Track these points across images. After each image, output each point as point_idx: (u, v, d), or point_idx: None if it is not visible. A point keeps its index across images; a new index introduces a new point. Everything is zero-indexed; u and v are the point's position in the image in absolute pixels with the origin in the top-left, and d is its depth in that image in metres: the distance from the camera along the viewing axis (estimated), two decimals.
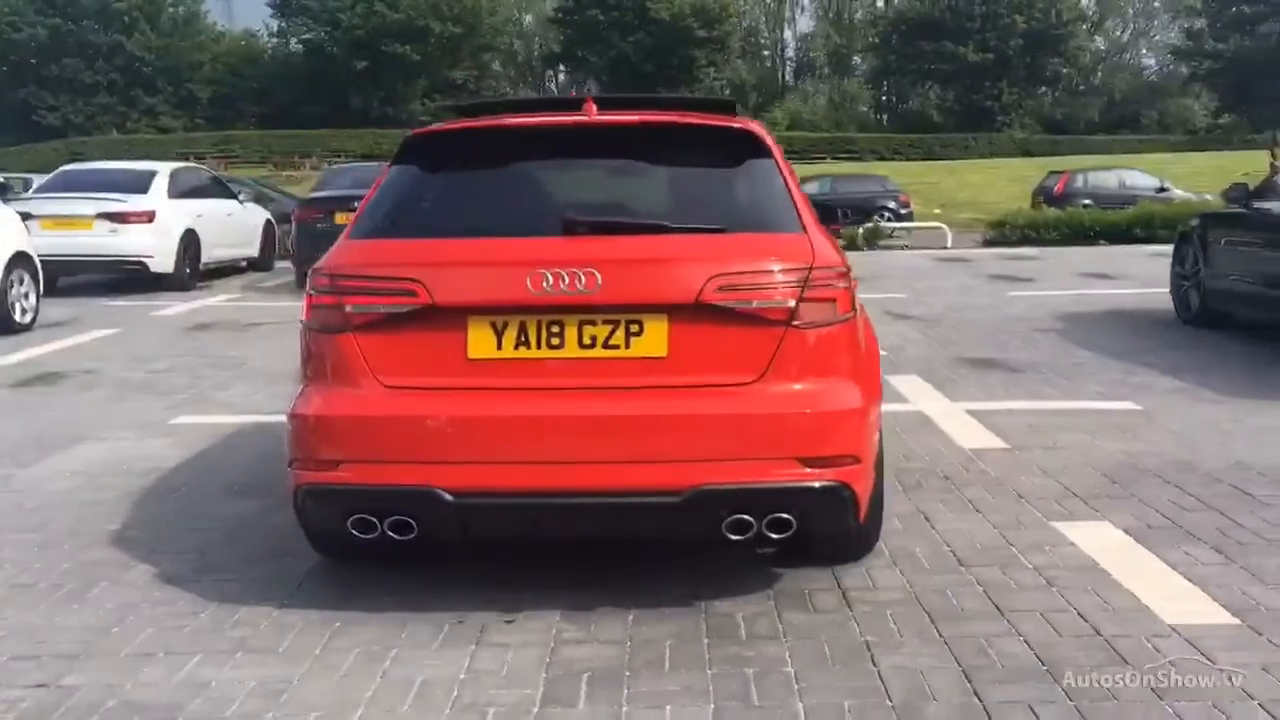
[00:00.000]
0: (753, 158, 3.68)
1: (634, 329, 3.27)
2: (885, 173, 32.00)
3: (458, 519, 3.29)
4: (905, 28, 71.15)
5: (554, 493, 3.25)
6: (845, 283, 3.40)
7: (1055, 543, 4.00)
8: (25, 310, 10.19)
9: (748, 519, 3.22)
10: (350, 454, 3.32)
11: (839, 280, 3.38)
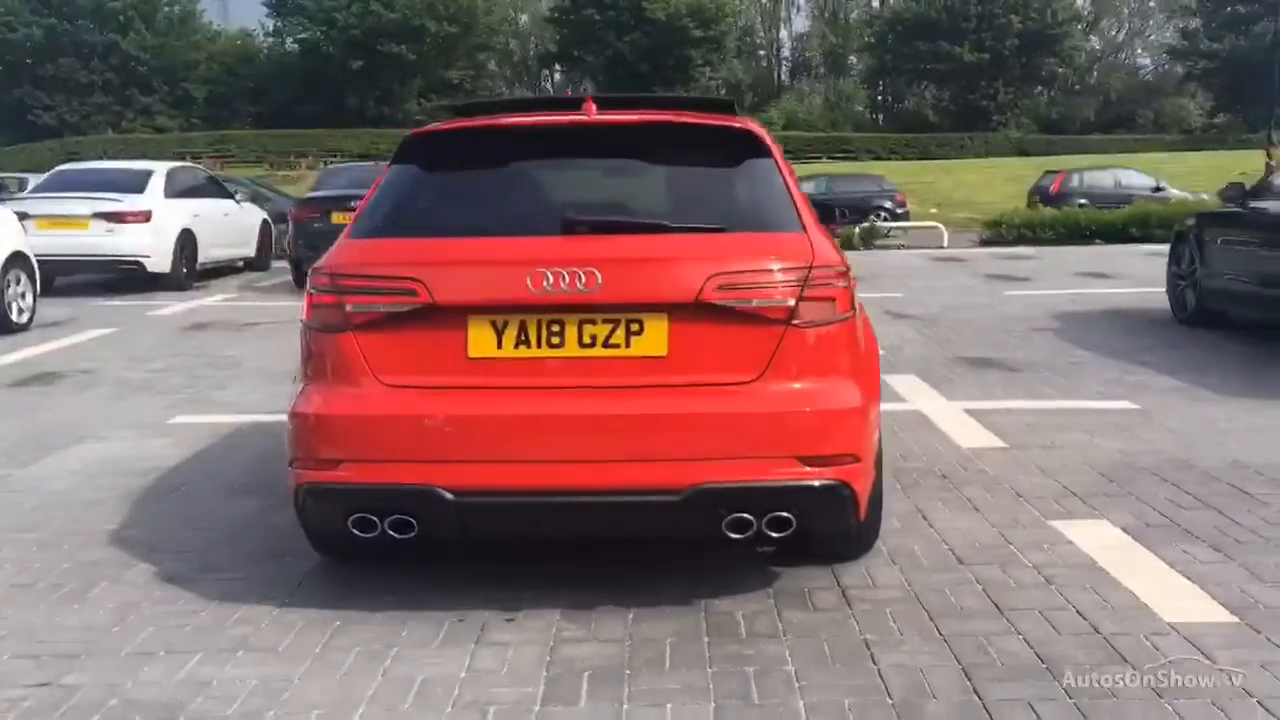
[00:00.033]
0: (752, 157, 3.69)
1: (634, 328, 3.28)
2: (881, 172, 32.00)
3: (458, 518, 3.30)
4: (901, 27, 71.26)
5: (554, 492, 3.25)
6: (845, 282, 3.41)
7: (1054, 541, 4.01)
8: (22, 310, 10.19)
9: (748, 518, 3.23)
10: (351, 453, 3.33)
11: (838, 279, 3.39)
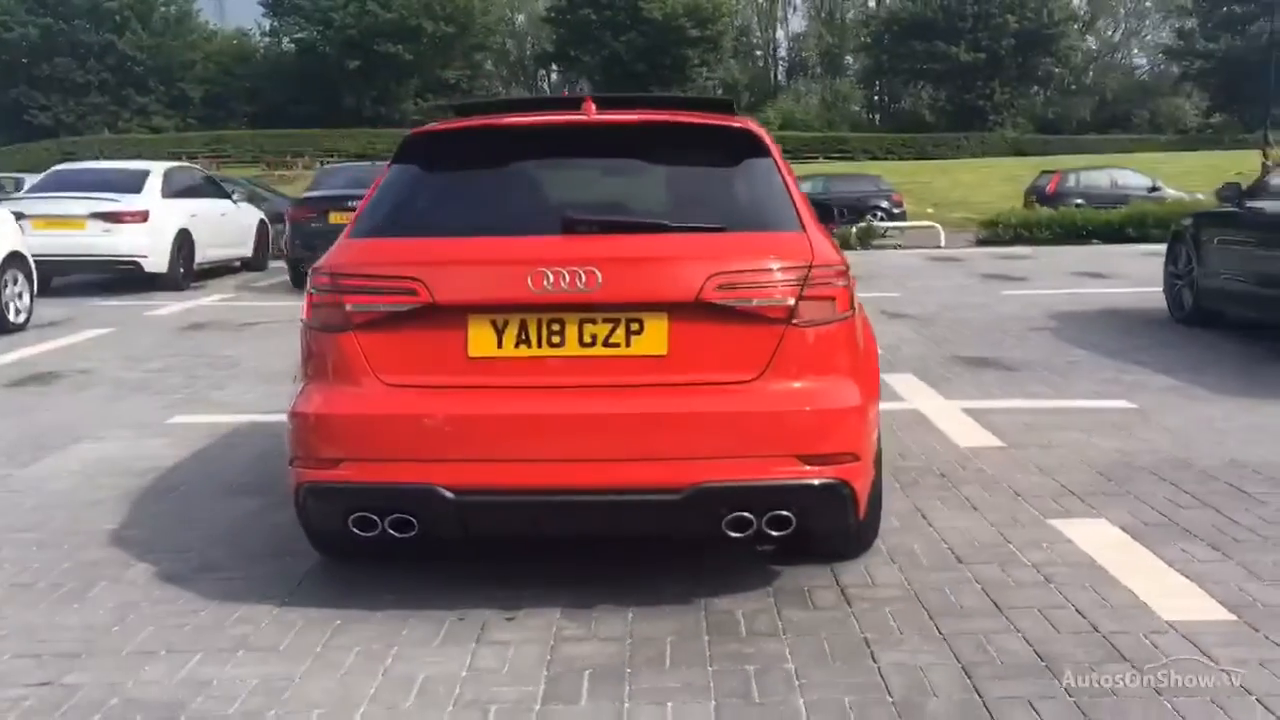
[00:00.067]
0: (752, 157, 3.70)
1: (634, 327, 3.28)
2: (878, 172, 32.02)
3: (458, 517, 3.30)
4: (897, 27, 71.36)
5: (555, 490, 3.26)
6: (844, 281, 3.42)
7: (1052, 540, 4.01)
8: (19, 310, 10.18)
9: (748, 516, 3.23)
10: (351, 452, 3.33)
11: (838, 279, 3.40)
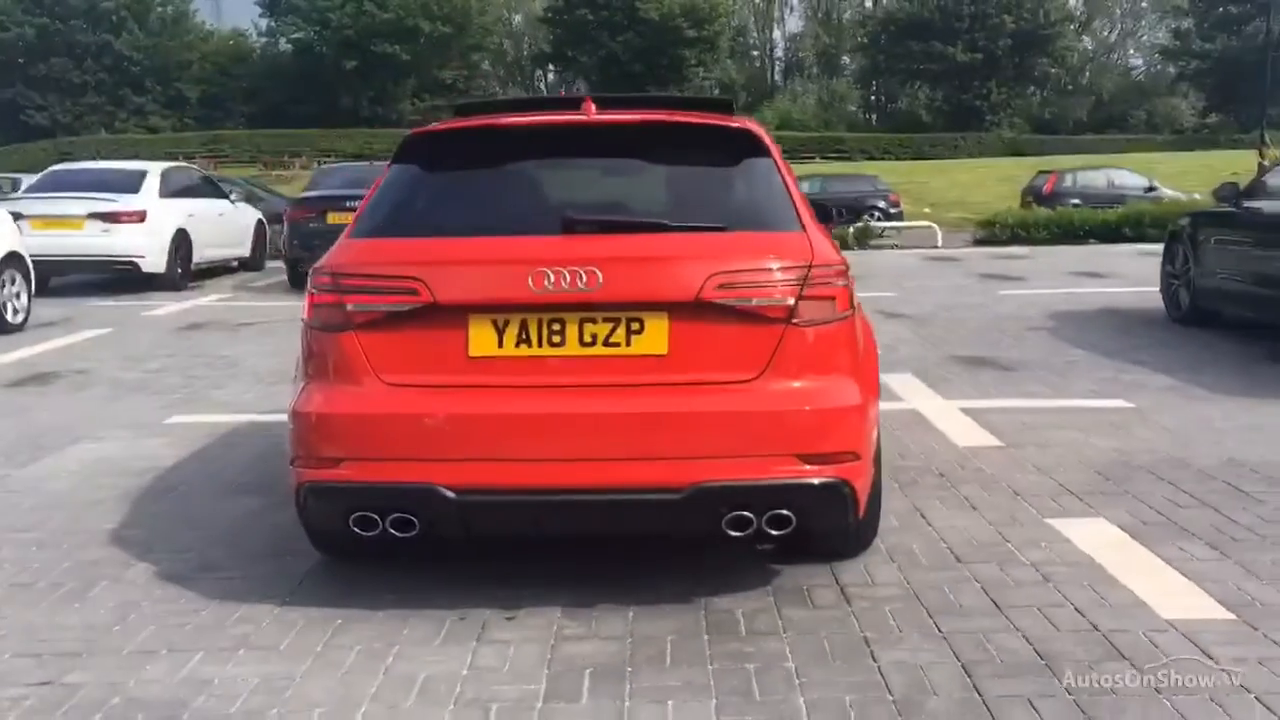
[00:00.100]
0: (752, 156, 3.71)
1: (635, 327, 3.29)
2: (875, 172, 32.04)
3: (459, 516, 3.31)
4: (894, 28, 71.39)
5: (555, 490, 3.26)
6: (844, 280, 3.43)
7: (1051, 539, 4.02)
8: (17, 310, 10.17)
9: (748, 515, 3.24)
10: (352, 452, 3.33)
11: (838, 278, 3.40)
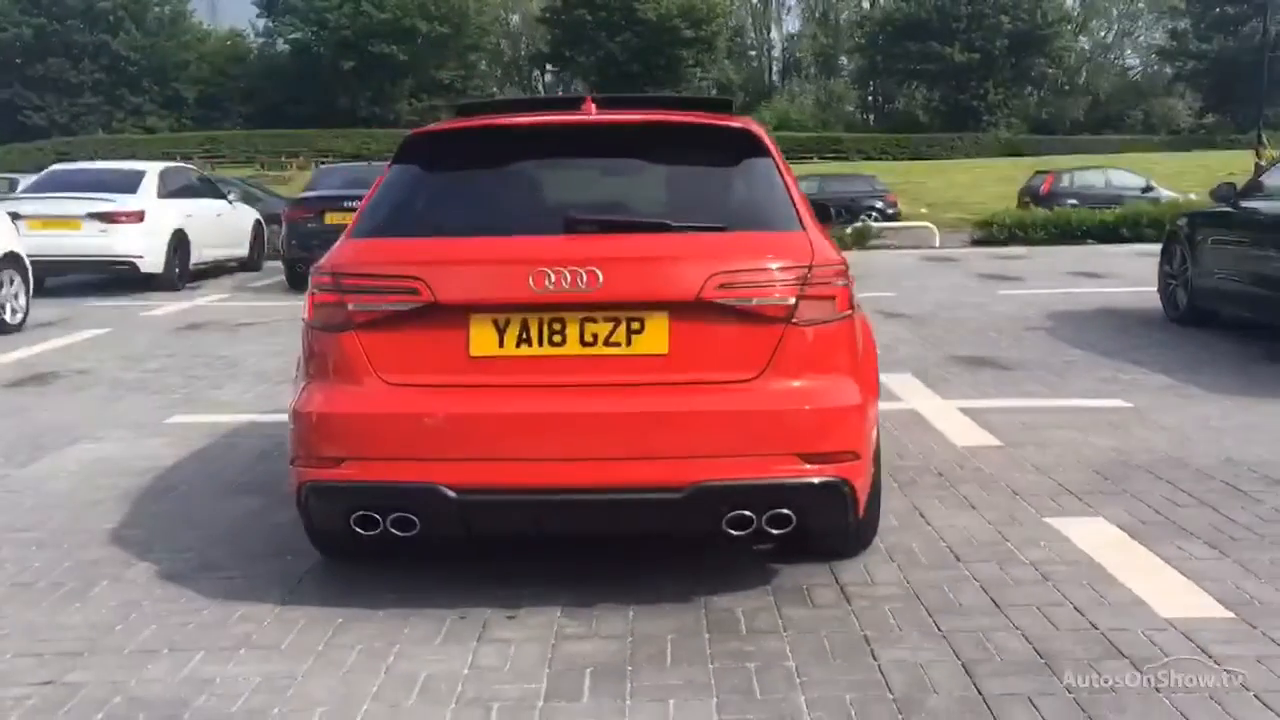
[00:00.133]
0: (752, 156, 3.71)
1: (635, 327, 3.30)
2: (872, 172, 32.06)
3: (460, 516, 3.31)
4: (891, 28, 71.42)
5: (556, 489, 3.27)
6: (844, 280, 3.44)
7: (1050, 538, 4.03)
8: (15, 311, 10.16)
9: (748, 515, 3.25)
10: (353, 451, 3.34)
11: (838, 278, 3.41)
